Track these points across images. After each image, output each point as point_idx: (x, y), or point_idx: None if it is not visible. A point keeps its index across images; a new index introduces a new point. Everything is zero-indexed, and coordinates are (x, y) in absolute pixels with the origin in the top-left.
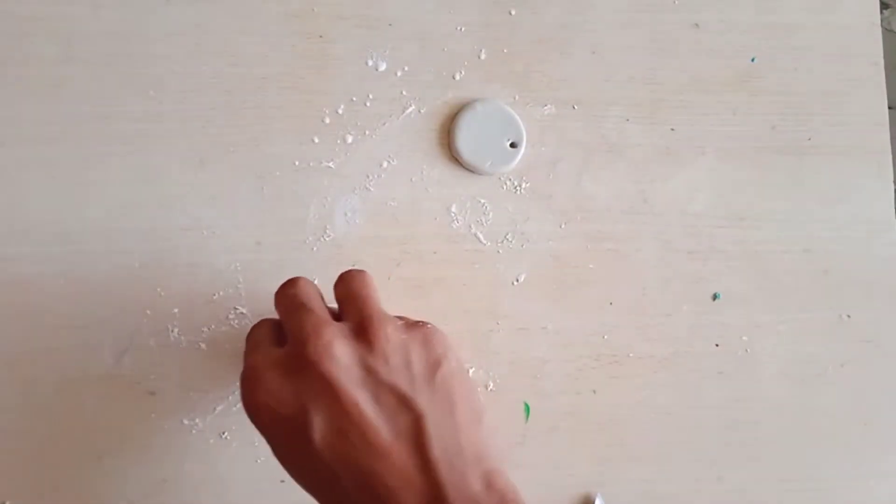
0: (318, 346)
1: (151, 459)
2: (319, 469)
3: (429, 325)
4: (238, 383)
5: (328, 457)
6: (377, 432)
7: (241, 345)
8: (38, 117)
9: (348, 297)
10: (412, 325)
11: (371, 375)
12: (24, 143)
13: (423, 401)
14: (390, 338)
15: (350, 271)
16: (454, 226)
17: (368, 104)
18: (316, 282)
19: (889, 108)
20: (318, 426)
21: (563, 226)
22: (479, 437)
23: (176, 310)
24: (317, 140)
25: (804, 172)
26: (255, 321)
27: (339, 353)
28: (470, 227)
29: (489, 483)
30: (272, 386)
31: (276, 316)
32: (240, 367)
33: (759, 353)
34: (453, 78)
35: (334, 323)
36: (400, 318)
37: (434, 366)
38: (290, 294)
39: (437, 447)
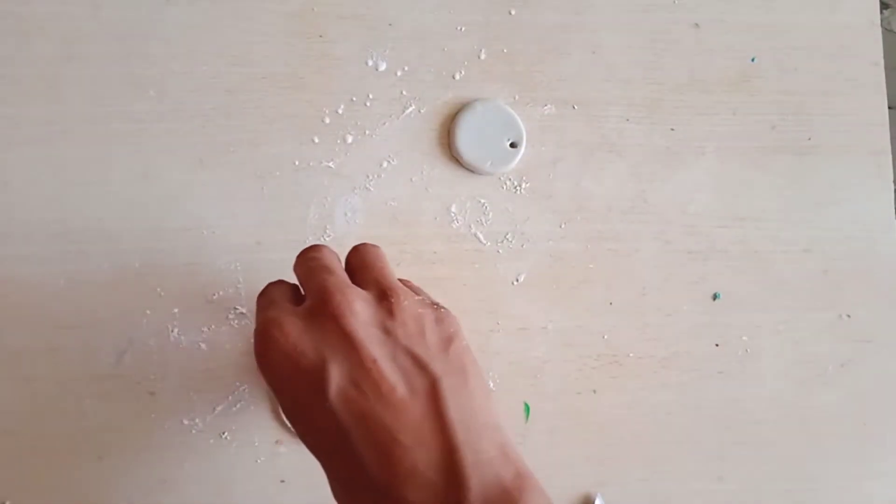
0: (342, 302)
1: (151, 459)
2: (331, 424)
3: (443, 308)
4: (238, 383)
5: (342, 410)
6: (393, 388)
7: (242, 345)
8: (38, 117)
9: (364, 268)
10: (427, 304)
11: (389, 337)
12: (24, 143)
13: (438, 367)
14: (408, 308)
15: (365, 244)
16: (454, 226)
17: (368, 104)
18: None
19: (889, 108)
20: (335, 378)
21: (563, 226)
22: (492, 408)
23: (176, 310)
24: (317, 140)
25: (804, 172)
26: (256, 321)
27: (360, 311)
28: (470, 227)
29: (504, 452)
30: (291, 337)
31: None
32: (240, 367)
33: (759, 353)
34: (453, 78)
35: (356, 286)
36: (416, 292)
37: (447, 340)
38: (313, 257)
39: (453, 409)
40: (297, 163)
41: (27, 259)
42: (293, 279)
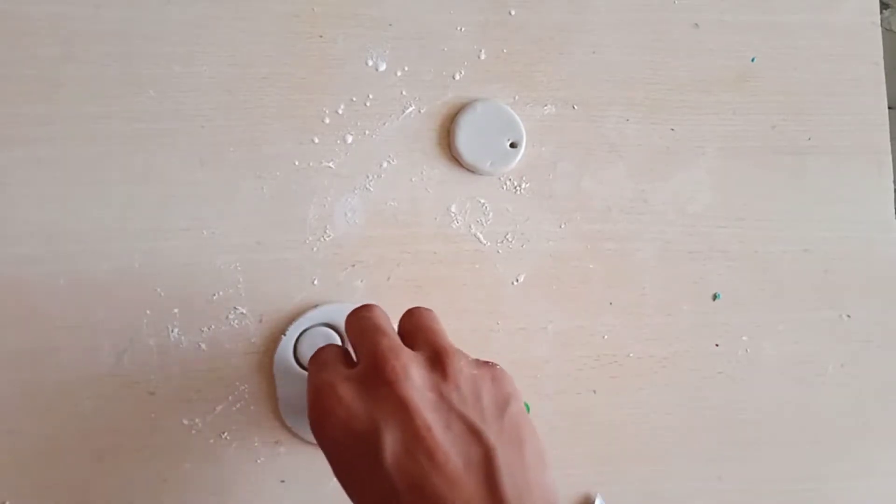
0: (396, 366)
1: (151, 459)
2: (384, 490)
3: (498, 366)
4: (238, 383)
5: (395, 477)
6: (447, 458)
7: (242, 345)
8: (38, 117)
9: (418, 330)
10: (482, 364)
11: (443, 403)
12: (25, 143)
13: (493, 435)
14: (463, 370)
15: (419, 308)
16: (454, 226)
17: (368, 104)
18: (315, 282)
19: (889, 108)
20: (389, 445)
21: (563, 226)
22: (546, 479)
23: (176, 310)
24: (317, 140)
25: (804, 172)
26: (256, 321)
27: (415, 376)
28: (470, 227)
29: None
30: (346, 401)
31: (272, 316)
32: (240, 367)
33: (759, 353)
34: (453, 78)
35: (409, 349)
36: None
37: (503, 404)
38: (365, 317)
39: (508, 482)
40: (297, 163)
41: (27, 259)
42: (292, 279)
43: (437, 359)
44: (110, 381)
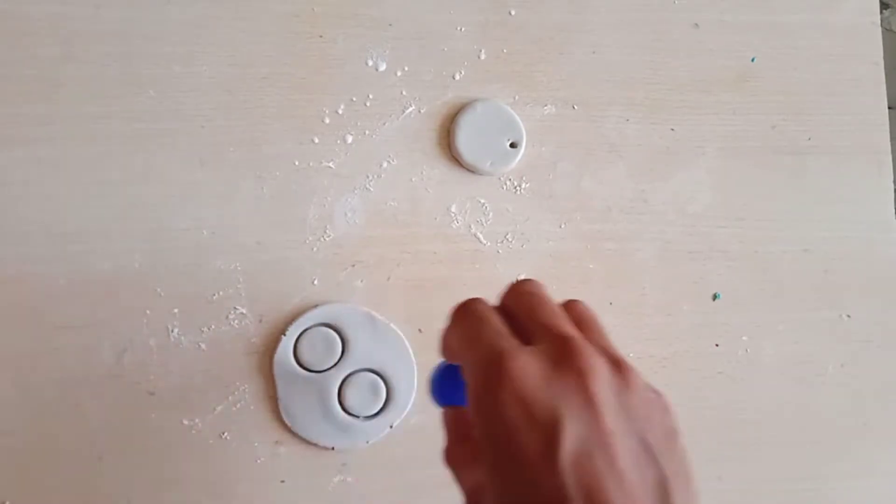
0: (590, 361)
1: (151, 459)
2: (553, 490)
3: (666, 396)
4: (238, 383)
5: (569, 476)
6: (626, 470)
7: (242, 345)
8: (38, 117)
9: (587, 329)
10: (655, 389)
11: (623, 412)
12: (24, 143)
13: (667, 464)
14: (641, 388)
15: (581, 302)
16: (454, 226)
17: (368, 104)
18: (315, 282)
19: (889, 108)
20: (570, 440)
21: (563, 226)
22: None
23: (176, 310)
24: (317, 140)
25: (804, 172)
26: (256, 321)
27: (605, 376)
28: (470, 227)
29: None
30: (531, 381)
31: (272, 315)
32: (238, 367)
33: (759, 353)
34: (453, 78)
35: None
36: None
37: (672, 435)
38: (538, 294)
39: None
40: (297, 163)
41: (27, 259)
42: (292, 279)
43: (619, 367)
44: (110, 381)
